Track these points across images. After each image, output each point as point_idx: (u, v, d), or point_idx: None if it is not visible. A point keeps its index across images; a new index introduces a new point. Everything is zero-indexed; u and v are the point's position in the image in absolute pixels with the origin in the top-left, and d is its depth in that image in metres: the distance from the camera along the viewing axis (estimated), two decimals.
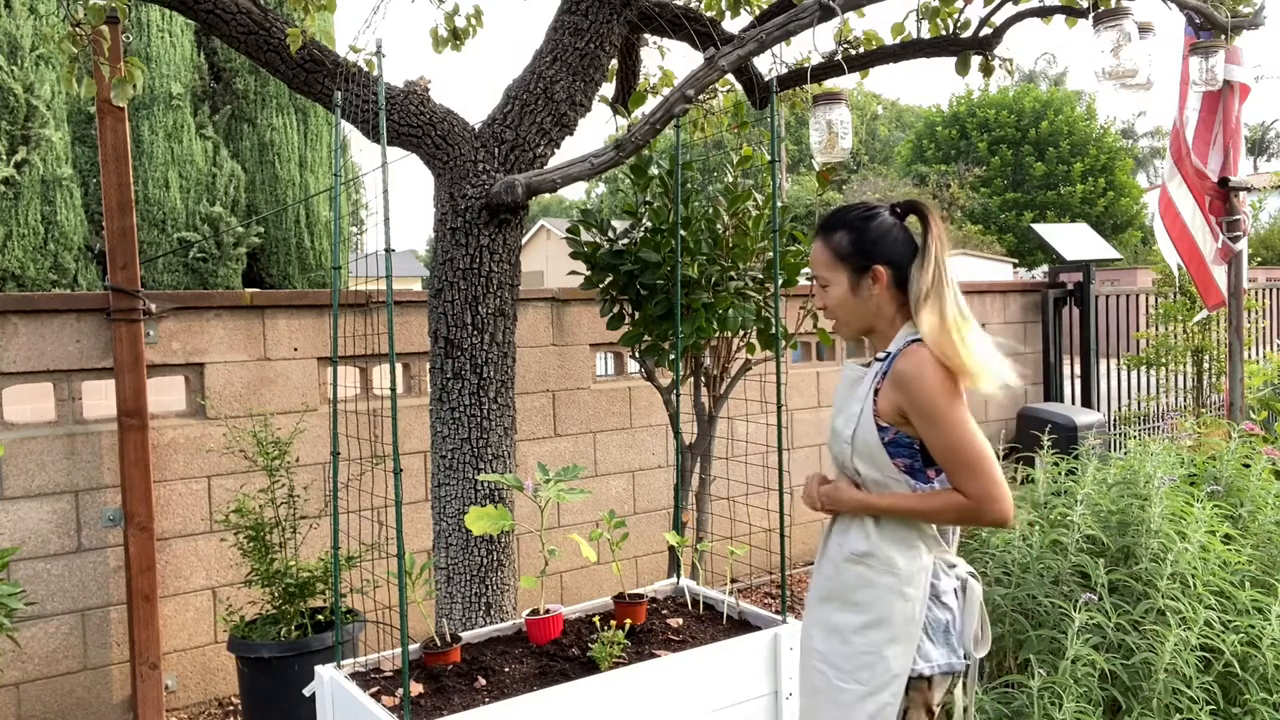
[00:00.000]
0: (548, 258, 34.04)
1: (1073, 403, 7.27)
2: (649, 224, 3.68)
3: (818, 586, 2.16)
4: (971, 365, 1.94)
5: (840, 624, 2.08)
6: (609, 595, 2.71)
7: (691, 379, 3.98)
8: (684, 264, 3.51)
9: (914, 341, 2.01)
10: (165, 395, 4.23)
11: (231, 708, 4.19)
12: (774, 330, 3.66)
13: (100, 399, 4.13)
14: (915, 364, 1.96)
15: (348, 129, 3.33)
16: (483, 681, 2.27)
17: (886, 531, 2.04)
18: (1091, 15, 3.49)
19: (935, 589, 2.03)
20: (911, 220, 2.12)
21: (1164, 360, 7.60)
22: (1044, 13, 3.83)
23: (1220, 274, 5.30)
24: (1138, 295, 8.15)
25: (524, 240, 3.51)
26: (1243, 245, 5.20)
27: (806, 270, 3.86)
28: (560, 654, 2.41)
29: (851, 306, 2.10)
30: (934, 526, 2.04)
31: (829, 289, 2.12)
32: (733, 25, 4.00)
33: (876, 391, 2.03)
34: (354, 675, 2.32)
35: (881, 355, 2.08)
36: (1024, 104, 33.33)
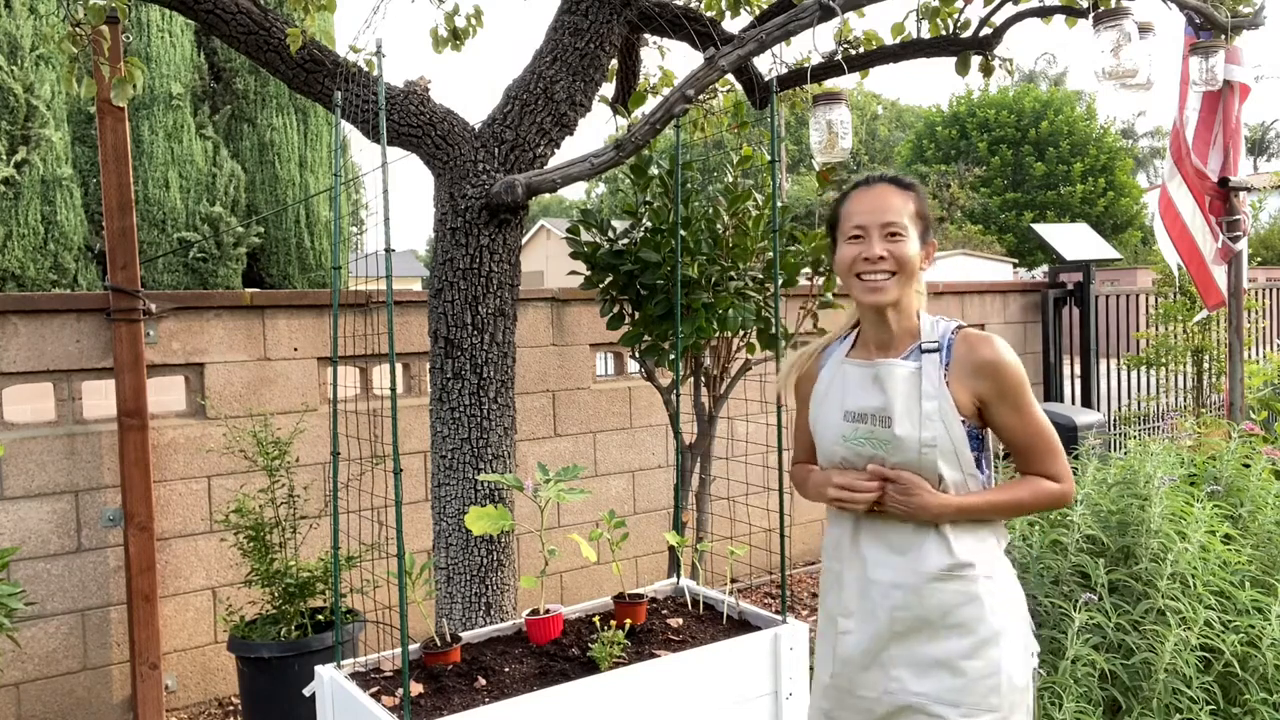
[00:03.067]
0: (548, 258, 34.04)
1: (1073, 403, 7.27)
2: (649, 224, 3.68)
3: (888, 622, 1.89)
4: None
5: (941, 655, 1.85)
6: (609, 595, 2.71)
7: (691, 379, 3.97)
8: (684, 264, 3.51)
9: (961, 328, 1.93)
10: (165, 395, 4.23)
11: (231, 708, 4.19)
12: (774, 330, 3.65)
13: (100, 399, 4.13)
14: (998, 350, 1.88)
15: (348, 129, 3.33)
16: (483, 681, 2.27)
17: (964, 535, 1.88)
18: (1091, 15, 3.49)
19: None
20: None
21: (1164, 360, 7.60)
22: (1044, 13, 3.83)
23: (1220, 274, 5.30)
24: (1138, 295, 8.15)
25: (524, 240, 3.51)
26: (1243, 245, 5.20)
27: (806, 270, 3.86)
28: (560, 654, 2.41)
29: (912, 268, 1.93)
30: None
31: (904, 241, 1.91)
32: (733, 25, 4.00)
33: (946, 384, 1.88)
34: (354, 675, 2.32)
35: (930, 345, 1.91)
36: (1024, 104, 33.34)
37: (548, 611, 2.50)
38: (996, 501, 1.90)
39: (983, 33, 3.86)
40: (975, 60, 3.93)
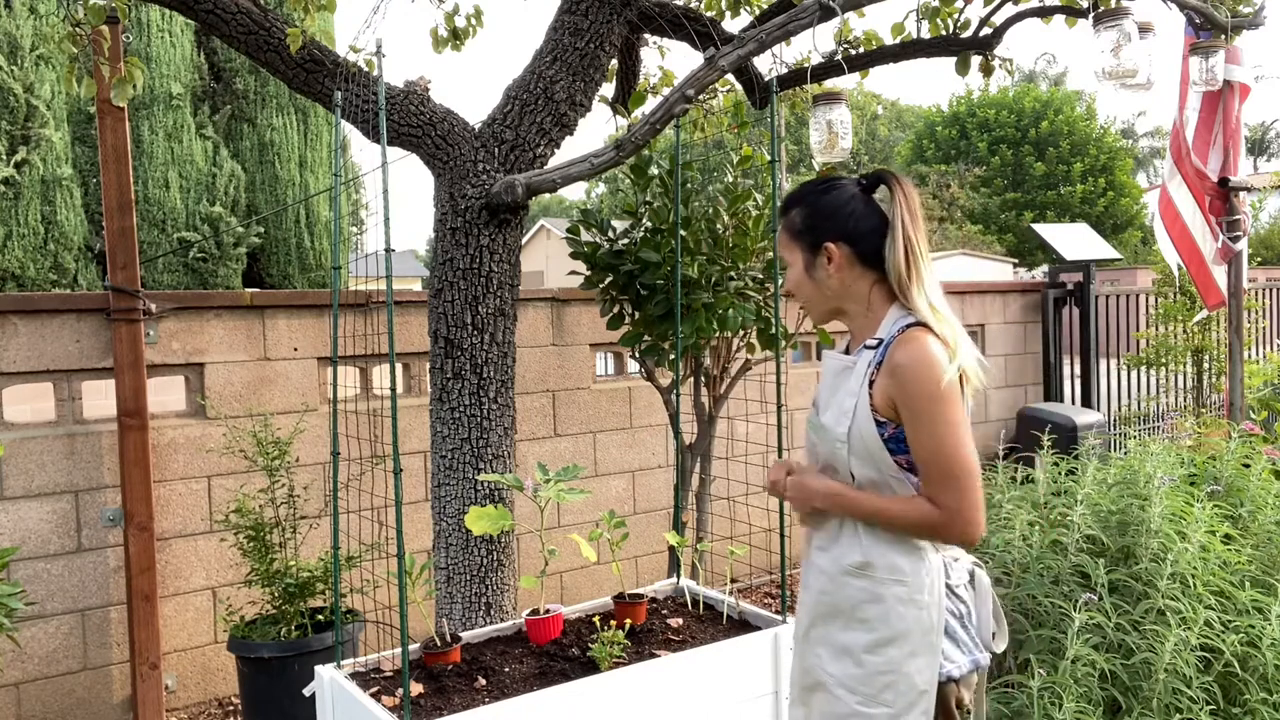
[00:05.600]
0: (548, 258, 34.03)
1: (1073, 403, 7.27)
2: (649, 224, 3.68)
3: (814, 603, 1.97)
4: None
5: (849, 644, 1.89)
6: (609, 595, 2.71)
7: (691, 379, 3.97)
8: (684, 264, 3.51)
9: (911, 326, 1.82)
10: (165, 395, 4.23)
11: (231, 708, 4.19)
12: (774, 330, 3.65)
13: (100, 399, 4.13)
14: (913, 352, 1.78)
15: (348, 129, 3.33)
16: (483, 681, 2.27)
17: (876, 539, 1.86)
18: (1091, 15, 3.49)
19: (947, 585, 1.88)
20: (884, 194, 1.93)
21: (1164, 360, 7.61)
22: (1044, 13, 3.83)
23: (1220, 274, 5.31)
24: (1138, 295, 8.15)
25: (524, 240, 3.51)
26: (1243, 245, 5.20)
27: None
28: (560, 654, 2.41)
29: (809, 288, 1.94)
30: None
31: (788, 270, 1.97)
32: (733, 25, 4.00)
33: (871, 383, 1.83)
34: (354, 675, 2.33)
35: (872, 342, 1.86)
36: (1024, 104, 33.34)
37: (548, 611, 2.50)
38: (867, 505, 1.86)
39: (983, 33, 3.86)
40: (975, 60, 3.93)
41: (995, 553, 3.13)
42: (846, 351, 2.00)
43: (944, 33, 3.90)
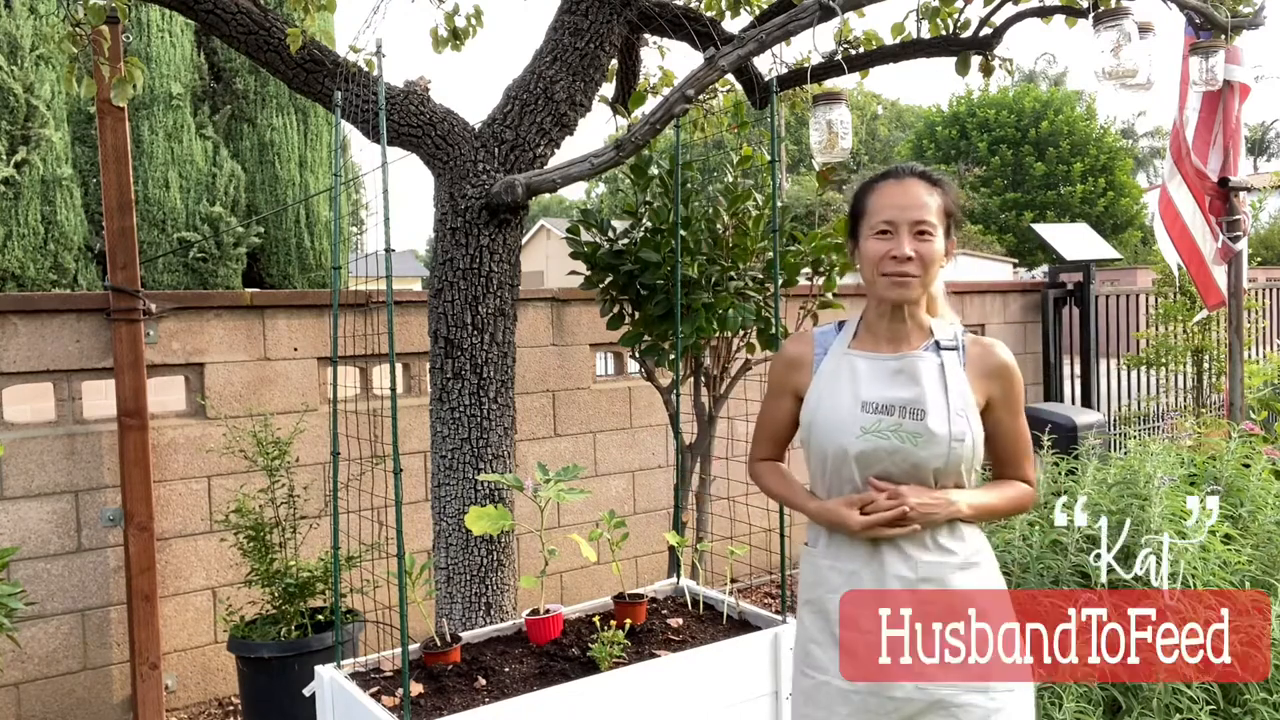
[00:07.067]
0: (548, 258, 34.02)
1: (1073, 403, 7.27)
2: (649, 224, 3.67)
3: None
4: None
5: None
6: (609, 595, 2.71)
7: (691, 379, 3.97)
8: (684, 264, 3.51)
9: (971, 330, 2.01)
10: (165, 395, 4.23)
11: (231, 708, 4.19)
12: (774, 330, 3.65)
13: (100, 399, 4.13)
14: (1011, 356, 1.96)
15: (348, 129, 3.33)
16: (483, 681, 2.27)
17: (968, 525, 1.95)
18: (1091, 15, 3.49)
19: None
20: None
21: (1164, 360, 7.60)
22: (1044, 13, 3.83)
23: (1220, 274, 5.31)
24: (1138, 295, 8.15)
25: (524, 240, 3.51)
26: (1243, 245, 5.20)
27: (806, 270, 3.86)
28: (560, 654, 2.41)
29: (938, 265, 1.92)
30: None
31: (932, 240, 1.89)
32: (733, 25, 4.00)
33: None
34: (354, 675, 2.33)
35: (948, 343, 1.93)
36: (1024, 104, 33.33)
37: (548, 611, 2.50)
38: (999, 501, 1.98)
39: (983, 33, 3.86)
40: (975, 60, 3.93)
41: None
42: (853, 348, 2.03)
43: (944, 33, 3.90)
